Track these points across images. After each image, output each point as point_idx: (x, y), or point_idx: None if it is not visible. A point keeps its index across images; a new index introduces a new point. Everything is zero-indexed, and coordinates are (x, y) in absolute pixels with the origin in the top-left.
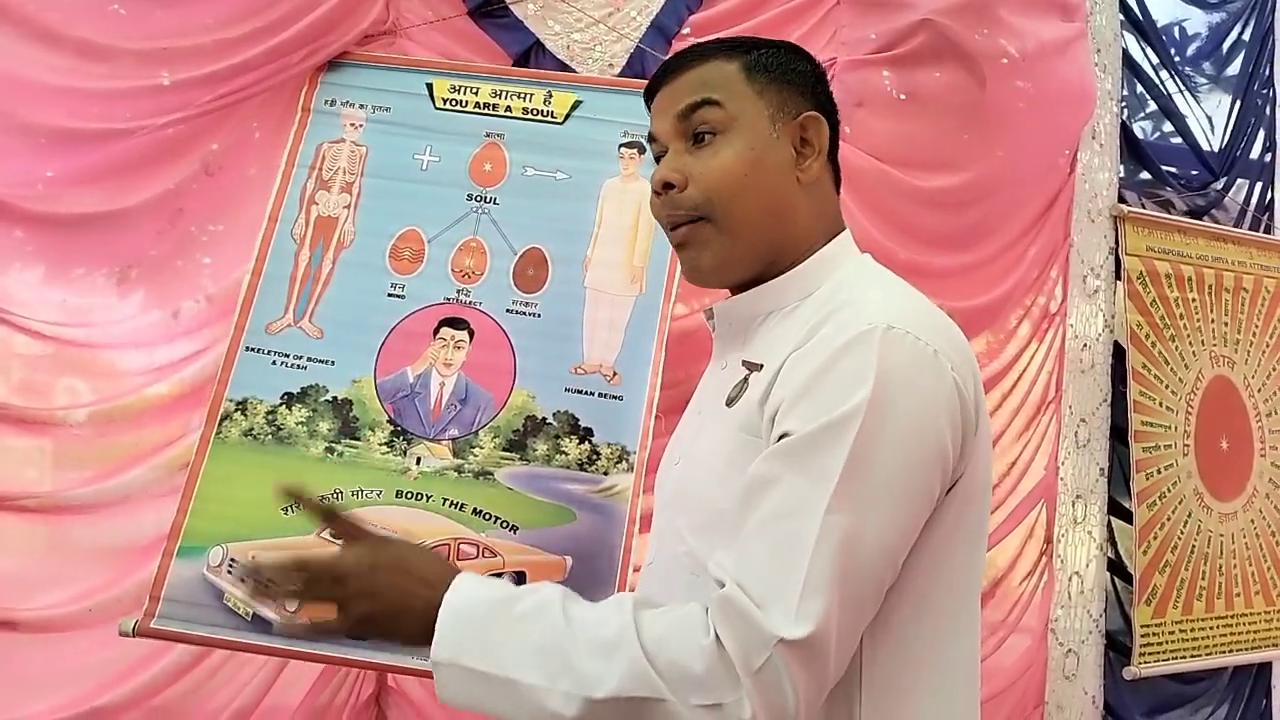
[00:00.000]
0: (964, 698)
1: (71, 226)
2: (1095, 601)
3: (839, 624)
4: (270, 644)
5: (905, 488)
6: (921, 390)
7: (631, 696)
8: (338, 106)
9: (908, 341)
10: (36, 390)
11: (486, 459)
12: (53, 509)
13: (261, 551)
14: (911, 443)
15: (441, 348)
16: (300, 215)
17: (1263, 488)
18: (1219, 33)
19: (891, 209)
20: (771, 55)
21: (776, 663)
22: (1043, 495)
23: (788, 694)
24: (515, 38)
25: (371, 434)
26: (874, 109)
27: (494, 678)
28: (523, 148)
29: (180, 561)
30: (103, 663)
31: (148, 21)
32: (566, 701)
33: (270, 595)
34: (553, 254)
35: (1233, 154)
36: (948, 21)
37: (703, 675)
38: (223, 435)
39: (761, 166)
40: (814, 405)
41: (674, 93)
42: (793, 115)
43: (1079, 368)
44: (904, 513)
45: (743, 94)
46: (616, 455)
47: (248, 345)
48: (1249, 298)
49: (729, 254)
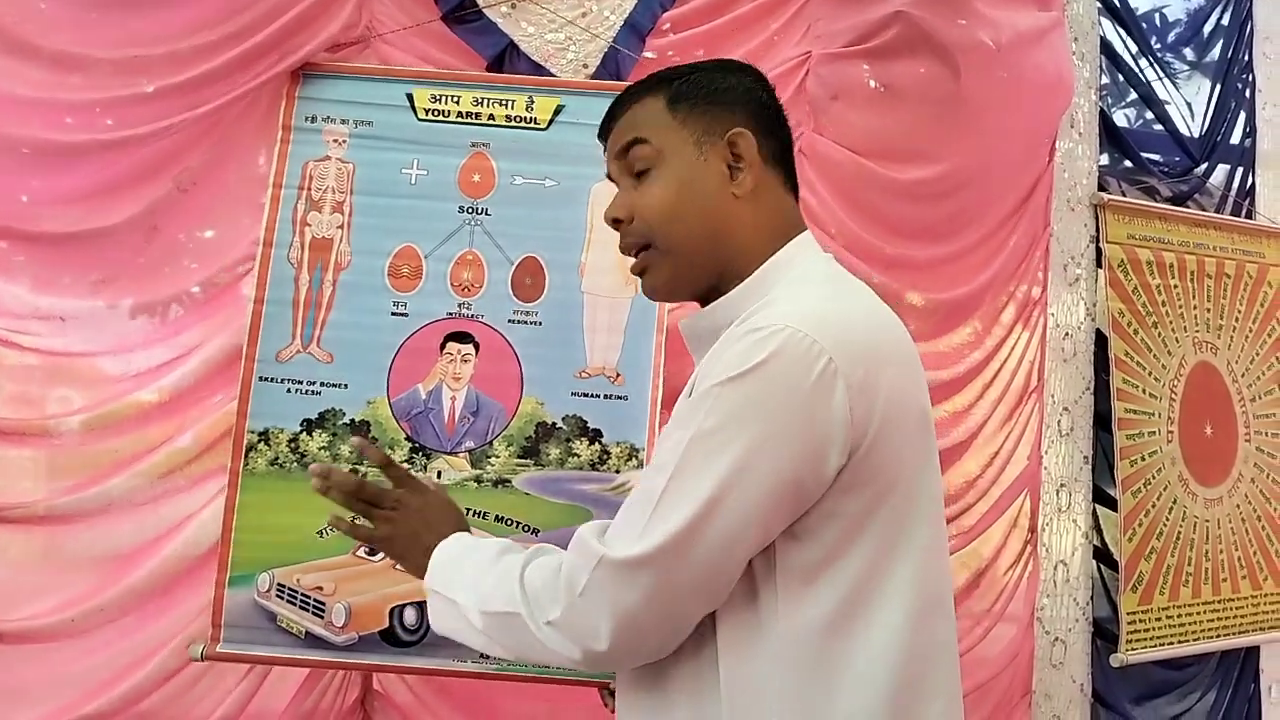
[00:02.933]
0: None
1: (50, 241)
2: (1081, 589)
3: (666, 564)
4: (328, 659)
5: (760, 464)
6: (787, 378)
7: (504, 611)
8: (319, 123)
9: (803, 345)
10: (29, 401)
11: (503, 467)
12: (35, 519)
13: (305, 574)
14: (770, 424)
15: (449, 363)
16: (295, 238)
17: (1248, 472)
18: (1198, 19)
19: (870, 201)
20: (692, 82)
21: (595, 584)
22: (1026, 484)
23: (600, 611)
24: (489, 40)
25: (392, 452)
26: (850, 102)
27: (449, 600)
28: (509, 156)
29: (232, 590)
30: (86, 671)
31: (123, 29)
32: (477, 616)
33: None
34: (548, 261)
35: (1213, 139)
36: (921, 13)
37: (543, 595)
38: (250, 467)
39: (692, 191)
40: (696, 388)
41: (615, 135)
42: (719, 135)
43: (1061, 356)
44: (754, 486)
45: (666, 125)
46: (626, 453)
47: (261, 375)
48: (1231, 283)
49: (675, 275)
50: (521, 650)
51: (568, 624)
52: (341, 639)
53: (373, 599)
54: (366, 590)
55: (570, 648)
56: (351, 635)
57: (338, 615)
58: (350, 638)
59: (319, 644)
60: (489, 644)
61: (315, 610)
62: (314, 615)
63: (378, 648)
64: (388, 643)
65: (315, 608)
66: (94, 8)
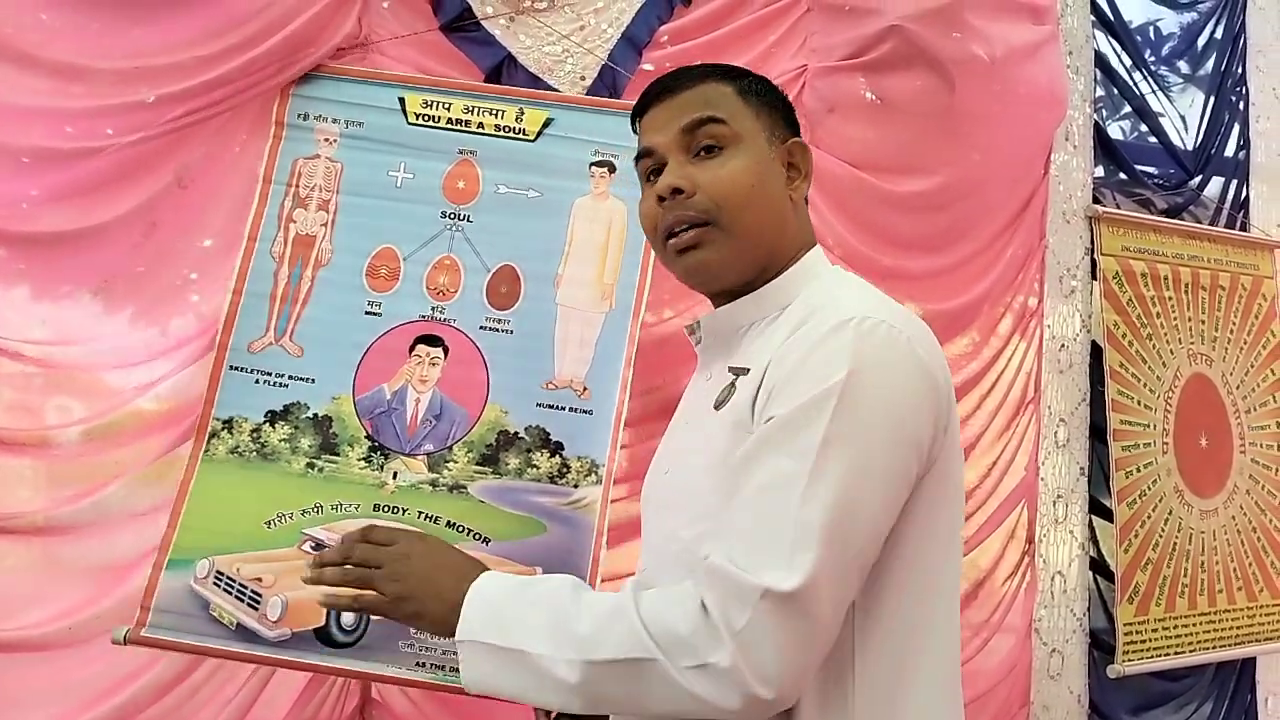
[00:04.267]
0: (952, 691)
1: (49, 244)
2: (1078, 601)
3: (827, 586)
4: (254, 653)
5: (882, 463)
6: (895, 371)
7: (627, 658)
8: (311, 121)
9: (882, 329)
10: (28, 410)
11: (460, 473)
12: (33, 530)
13: (246, 564)
14: (887, 420)
15: (417, 364)
16: (279, 233)
17: (1243, 484)
18: (1191, 32)
19: (866, 214)
20: (761, 83)
21: (760, 620)
22: (1024, 495)
23: (771, 652)
24: (487, 52)
25: (350, 449)
26: (846, 115)
27: (508, 650)
28: (495, 165)
29: (169, 573)
30: (84, 681)
31: (125, 39)
32: (570, 668)
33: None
34: (525, 271)
35: (1207, 152)
36: (917, 27)
37: (689, 637)
38: (210, 453)
39: (764, 180)
40: (793, 389)
41: (674, 109)
42: (781, 139)
43: (1057, 368)
44: (881, 485)
45: (743, 113)
46: (587, 469)
47: (231, 364)
48: (1225, 295)
49: (734, 258)
50: (643, 703)
51: (731, 669)
52: (274, 634)
53: (311, 594)
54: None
55: (728, 695)
56: (284, 631)
57: (273, 609)
58: (283, 633)
59: (249, 637)
60: (584, 699)
61: (251, 601)
62: (249, 607)
63: (311, 646)
64: (322, 642)
65: (251, 599)
66: (95, 18)
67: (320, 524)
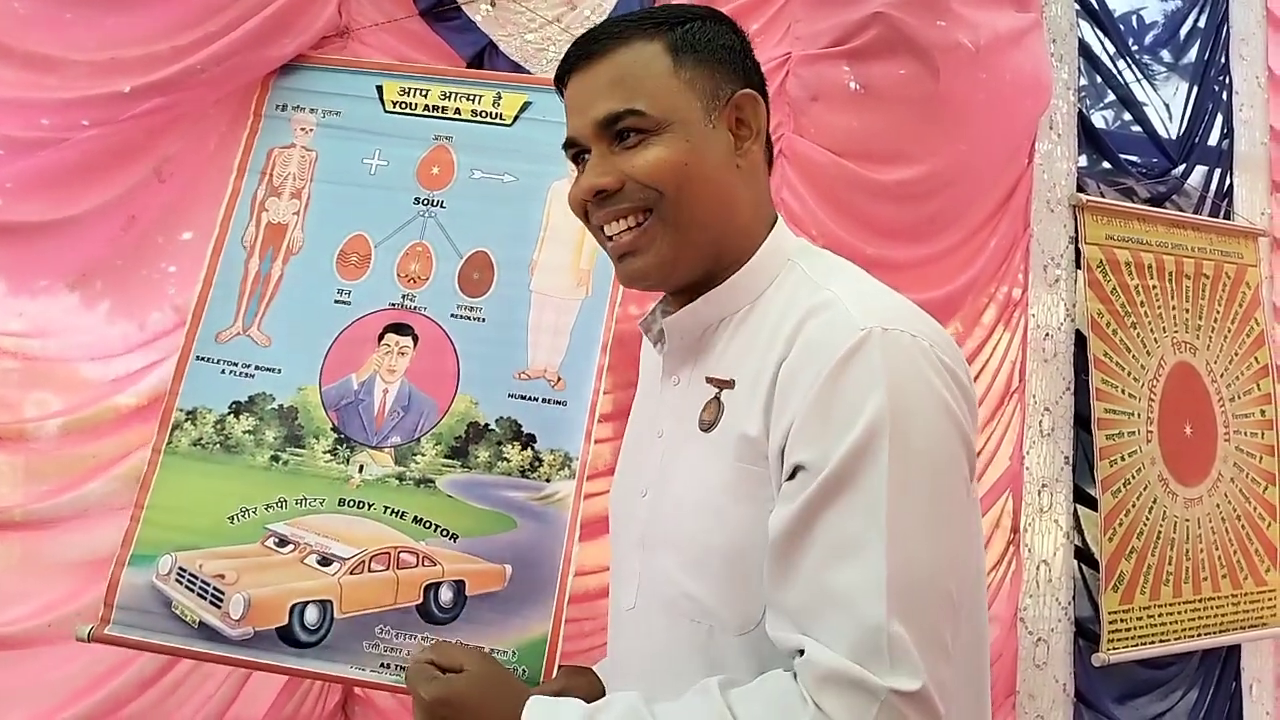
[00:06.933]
0: (984, 687)
1: (26, 236)
2: (1063, 589)
3: (944, 666)
4: (215, 651)
5: (949, 495)
6: (933, 390)
7: None
8: (289, 111)
9: (905, 341)
10: (6, 403)
11: (428, 466)
12: (11, 525)
13: (209, 560)
14: (941, 449)
15: (385, 354)
16: (251, 223)
17: (1227, 472)
18: (1175, 21)
19: (849, 203)
20: (699, 31)
21: (890, 716)
22: (1009, 485)
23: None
24: (468, 39)
25: (316, 442)
26: (830, 103)
27: None
28: (471, 150)
29: (131, 570)
30: (65, 678)
31: (100, 29)
32: None
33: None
34: (498, 257)
35: (1191, 141)
36: (900, 14)
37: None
38: (173, 445)
39: (701, 157)
40: (830, 430)
41: (590, 88)
42: (725, 98)
43: (1042, 357)
44: (956, 516)
45: (670, 87)
46: (559, 462)
47: (198, 355)
48: (1209, 284)
49: (678, 254)
50: None
51: None
52: (236, 633)
53: (274, 592)
54: (270, 583)
55: None
56: (247, 630)
57: (235, 606)
58: (245, 632)
59: (212, 636)
60: None
61: (213, 599)
62: (211, 604)
63: (274, 646)
64: (285, 642)
65: (214, 596)
66: (70, 8)
67: (284, 519)
